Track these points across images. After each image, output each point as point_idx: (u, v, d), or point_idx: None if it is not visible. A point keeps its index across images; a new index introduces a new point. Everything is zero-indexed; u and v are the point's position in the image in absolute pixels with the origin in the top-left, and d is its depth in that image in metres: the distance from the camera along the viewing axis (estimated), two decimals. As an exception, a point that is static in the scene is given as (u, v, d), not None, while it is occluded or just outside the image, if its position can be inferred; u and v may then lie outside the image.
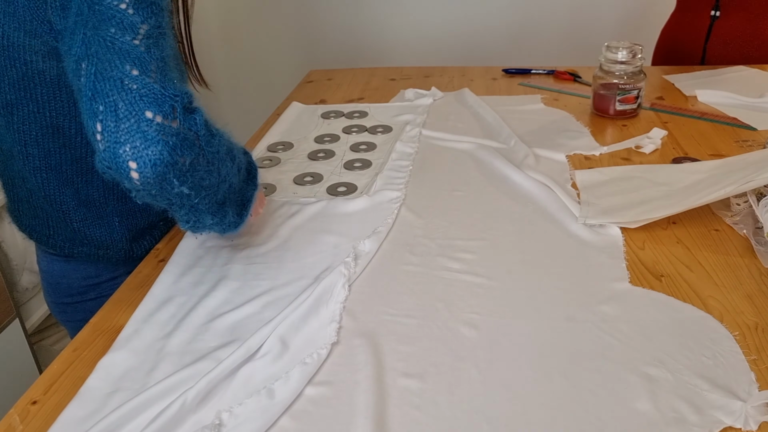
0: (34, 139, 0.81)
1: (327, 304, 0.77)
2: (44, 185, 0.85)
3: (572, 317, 0.75)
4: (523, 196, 1.03)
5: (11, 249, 1.60)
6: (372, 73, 1.70)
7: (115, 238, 0.91)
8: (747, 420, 0.60)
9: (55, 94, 0.79)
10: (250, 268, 0.87)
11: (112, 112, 0.64)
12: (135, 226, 0.92)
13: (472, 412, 0.63)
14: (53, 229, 0.90)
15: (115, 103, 0.64)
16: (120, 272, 0.94)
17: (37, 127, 0.80)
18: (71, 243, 0.90)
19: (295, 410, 0.64)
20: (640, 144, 1.19)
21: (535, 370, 0.68)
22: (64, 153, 0.83)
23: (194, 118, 0.69)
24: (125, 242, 0.92)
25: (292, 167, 1.16)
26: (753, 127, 1.25)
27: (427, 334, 0.74)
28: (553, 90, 1.51)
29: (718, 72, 1.56)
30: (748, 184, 0.87)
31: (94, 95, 0.65)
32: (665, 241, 0.90)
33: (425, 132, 1.27)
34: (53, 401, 0.67)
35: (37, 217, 0.90)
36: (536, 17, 2.50)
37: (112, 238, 0.91)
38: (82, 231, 0.89)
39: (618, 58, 1.29)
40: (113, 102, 0.64)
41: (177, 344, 0.74)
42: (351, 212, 0.99)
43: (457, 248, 0.89)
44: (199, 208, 0.75)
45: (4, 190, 0.92)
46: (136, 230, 0.92)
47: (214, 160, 0.73)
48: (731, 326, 0.73)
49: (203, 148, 0.70)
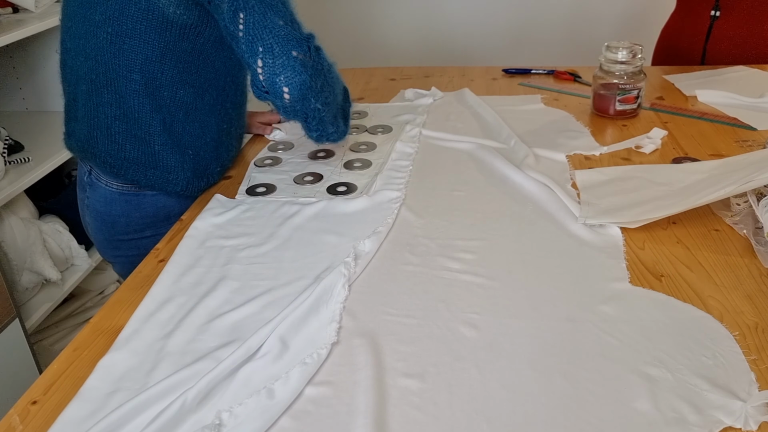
0: (140, 66, 0.97)
1: (327, 304, 0.77)
2: (139, 108, 1.00)
3: (572, 317, 0.75)
4: (523, 196, 1.03)
5: (11, 249, 1.60)
6: (372, 73, 1.70)
7: (185, 167, 1.05)
8: (747, 420, 0.60)
9: (165, 31, 0.95)
10: (250, 268, 0.87)
11: (269, 52, 0.91)
12: (200, 163, 1.07)
13: (472, 412, 0.63)
14: (130, 153, 1.02)
15: (271, 46, 0.91)
16: (174, 212, 1.08)
17: (143, 57, 0.97)
18: (144, 168, 1.03)
19: (295, 410, 0.64)
20: (640, 144, 1.19)
21: (535, 370, 0.68)
22: (162, 82, 0.99)
23: (321, 54, 0.96)
24: (189, 173, 1.06)
25: (292, 167, 1.16)
26: (753, 127, 1.25)
27: (427, 334, 0.74)
28: (553, 90, 1.51)
29: (718, 72, 1.56)
30: (748, 184, 0.87)
31: (254, 39, 0.91)
32: (665, 241, 0.90)
33: (425, 132, 1.27)
34: (53, 401, 0.67)
35: (116, 143, 1.02)
36: (536, 17, 2.50)
37: (182, 166, 1.05)
38: (160, 154, 1.03)
39: (618, 58, 1.29)
40: (270, 45, 0.91)
41: (177, 344, 0.74)
42: (351, 212, 0.99)
43: (457, 248, 0.89)
44: (324, 119, 1.01)
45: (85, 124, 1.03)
46: (199, 166, 1.07)
47: (333, 83, 1.01)
48: (731, 326, 0.73)
49: (326, 74, 0.98)
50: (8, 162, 1.67)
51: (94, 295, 1.96)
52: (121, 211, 1.09)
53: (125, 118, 1.01)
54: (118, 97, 1.00)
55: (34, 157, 1.72)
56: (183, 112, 1.02)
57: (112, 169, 1.04)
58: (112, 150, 1.03)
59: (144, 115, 1.00)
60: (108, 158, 1.04)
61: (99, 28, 0.97)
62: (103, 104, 1.01)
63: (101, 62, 0.99)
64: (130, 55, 0.97)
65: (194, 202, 1.08)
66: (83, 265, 1.83)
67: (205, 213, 1.01)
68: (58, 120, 1.97)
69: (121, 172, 1.04)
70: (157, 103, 1.00)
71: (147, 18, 0.94)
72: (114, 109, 1.00)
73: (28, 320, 1.63)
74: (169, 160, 1.04)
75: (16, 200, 1.66)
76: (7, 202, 1.58)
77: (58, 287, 1.75)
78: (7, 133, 1.76)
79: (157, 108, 1.00)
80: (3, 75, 2.01)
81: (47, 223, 1.76)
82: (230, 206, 1.02)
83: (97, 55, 0.98)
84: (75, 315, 1.90)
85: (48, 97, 2.03)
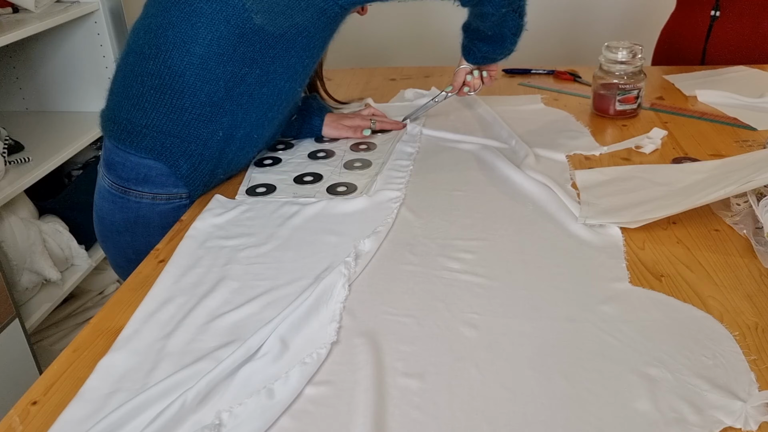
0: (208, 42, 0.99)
1: (327, 303, 0.77)
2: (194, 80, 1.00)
3: (572, 317, 0.75)
4: (523, 196, 1.03)
5: (11, 249, 1.60)
6: (372, 73, 1.70)
7: (208, 144, 1.05)
8: (747, 420, 0.60)
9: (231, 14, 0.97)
10: (250, 268, 0.87)
11: None
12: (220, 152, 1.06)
13: (472, 411, 0.63)
14: (153, 120, 1.02)
15: None
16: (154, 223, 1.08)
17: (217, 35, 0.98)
18: (163, 136, 1.02)
19: (295, 410, 0.64)
20: (640, 144, 1.19)
21: (535, 370, 0.68)
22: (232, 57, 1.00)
23: None
24: (208, 153, 1.05)
25: (292, 167, 1.16)
26: (753, 127, 1.25)
27: (427, 333, 0.74)
28: (553, 90, 1.51)
29: (718, 72, 1.56)
30: (748, 184, 0.87)
31: None
32: (665, 241, 0.90)
33: (425, 132, 1.27)
34: (53, 402, 0.67)
35: (142, 110, 1.02)
36: (536, 17, 2.49)
37: (205, 143, 1.04)
38: (191, 124, 1.03)
39: (618, 58, 1.29)
40: None
41: (177, 344, 0.74)
42: (351, 212, 0.99)
43: (457, 248, 0.89)
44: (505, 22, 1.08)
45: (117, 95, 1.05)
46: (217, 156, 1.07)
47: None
48: (731, 326, 0.73)
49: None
50: (8, 162, 1.67)
51: (94, 295, 1.96)
52: (108, 208, 1.10)
53: (164, 88, 1.01)
54: (165, 68, 1.00)
55: (34, 157, 1.72)
56: (239, 90, 1.03)
57: (129, 135, 1.03)
58: (136, 117, 1.03)
59: (192, 87, 1.00)
60: (128, 125, 1.03)
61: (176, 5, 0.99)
62: (144, 74, 1.02)
63: (160, 35, 1.00)
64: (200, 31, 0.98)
65: (194, 203, 1.08)
66: (83, 265, 1.83)
67: (205, 213, 1.01)
68: (58, 120, 1.98)
69: (136, 140, 1.03)
70: (214, 76, 1.00)
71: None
72: (154, 79, 1.01)
73: (28, 320, 1.63)
74: (198, 131, 1.03)
75: (16, 200, 1.66)
76: (7, 202, 1.58)
77: (58, 287, 1.75)
78: (7, 133, 1.76)
79: (212, 80, 1.00)
80: (3, 75, 2.01)
81: (47, 223, 1.76)
82: (230, 206, 1.02)
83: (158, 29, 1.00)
84: (75, 315, 1.90)
85: (48, 97, 2.03)
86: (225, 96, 1.02)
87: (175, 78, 1.00)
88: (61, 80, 1.99)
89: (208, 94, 1.01)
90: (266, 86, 1.05)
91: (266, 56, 1.02)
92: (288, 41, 1.02)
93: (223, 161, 1.08)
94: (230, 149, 1.08)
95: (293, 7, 0.99)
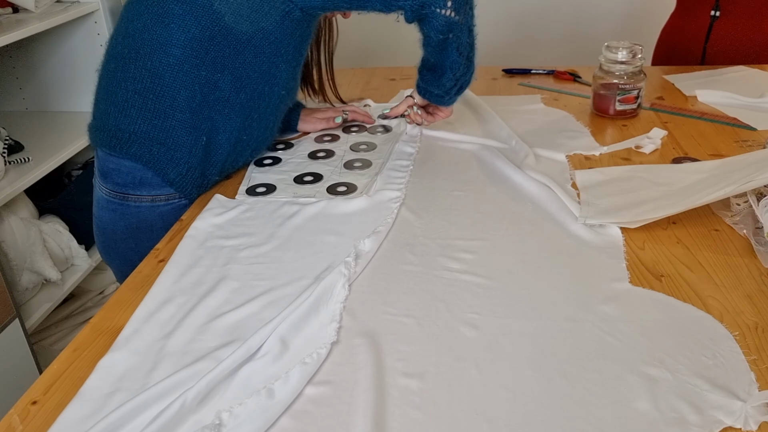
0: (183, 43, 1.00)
1: (327, 303, 0.77)
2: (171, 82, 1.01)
3: (572, 317, 0.75)
4: (523, 196, 1.03)
5: (11, 249, 1.60)
6: (372, 73, 1.70)
7: (193, 151, 1.05)
8: (747, 420, 0.60)
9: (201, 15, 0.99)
10: (250, 268, 0.87)
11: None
12: (207, 156, 1.07)
13: (472, 411, 0.63)
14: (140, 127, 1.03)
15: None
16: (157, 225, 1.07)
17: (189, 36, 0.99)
18: (151, 142, 1.03)
19: (295, 410, 0.64)
20: (640, 144, 1.19)
21: (535, 370, 0.68)
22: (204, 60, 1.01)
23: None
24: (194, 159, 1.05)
25: (292, 167, 1.16)
26: (753, 127, 1.25)
27: (427, 333, 0.74)
28: (553, 90, 1.51)
29: (718, 72, 1.56)
30: (748, 184, 0.87)
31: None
32: (665, 241, 0.90)
33: (426, 132, 1.27)
34: (53, 401, 0.67)
35: (129, 116, 1.03)
36: (536, 17, 2.50)
37: (190, 150, 1.04)
38: (174, 130, 1.03)
39: (618, 58, 1.29)
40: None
41: (177, 344, 0.74)
42: (351, 212, 0.99)
43: (457, 248, 0.89)
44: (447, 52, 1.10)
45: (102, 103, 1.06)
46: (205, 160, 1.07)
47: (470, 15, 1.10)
48: (731, 326, 0.73)
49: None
50: (8, 162, 1.67)
51: (94, 295, 1.96)
52: (109, 218, 1.10)
53: (147, 92, 1.02)
54: (145, 72, 1.01)
55: (34, 157, 1.72)
56: (214, 96, 1.04)
57: (118, 142, 1.04)
58: (123, 123, 1.03)
59: (171, 90, 1.01)
60: (117, 132, 1.04)
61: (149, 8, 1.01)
62: (126, 79, 1.03)
63: (137, 38, 1.01)
64: (174, 32, 0.99)
65: (194, 203, 1.08)
66: (83, 265, 1.83)
67: (205, 213, 1.01)
68: (58, 120, 1.98)
69: (125, 146, 1.04)
70: (190, 80, 1.01)
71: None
72: (136, 84, 1.02)
73: (28, 320, 1.63)
74: (181, 138, 1.04)
75: (16, 200, 1.66)
76: (7, 202, 1.58)
77: (58, 287, 1.75)
78: (7, 133, 1.76)
79: (188, 84, 1.01)
80: (3, 75, 2.01)
81: (47, 223, 1.76)
82: (230, 206, 1.02)
83: (135, 33, 1.01)
84: (75, 315, 1.90)
85: (48, 97, 2.03)
86: (202, 101, 1.03)
87: (155, 80, 1.01)
88: (61, 80, 1.99)
89: (187, 99, 1.02)
90: (242, 92, 1.05)
91: (236, 62, 1.02)
92: (255, 47, 1.03)
93: (213, 166, 1.09)
94: (218, 154, 1.08)
95: (258, 11, 1.00)
